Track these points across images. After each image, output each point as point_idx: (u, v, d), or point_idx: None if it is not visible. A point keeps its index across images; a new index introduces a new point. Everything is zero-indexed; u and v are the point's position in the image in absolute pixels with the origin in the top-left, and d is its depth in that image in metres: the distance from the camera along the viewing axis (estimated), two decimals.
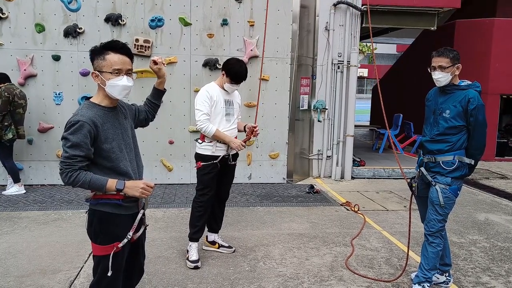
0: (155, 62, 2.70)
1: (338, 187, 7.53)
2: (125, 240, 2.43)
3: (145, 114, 2.85)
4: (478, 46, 10.11)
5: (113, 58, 2.35)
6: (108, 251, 2.39)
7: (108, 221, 2.40)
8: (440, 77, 3.42)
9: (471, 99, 3.36)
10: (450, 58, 3.38)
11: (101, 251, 2.41)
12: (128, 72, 2.41)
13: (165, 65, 2.70)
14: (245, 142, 4.18)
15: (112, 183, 2.32)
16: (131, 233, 2.46)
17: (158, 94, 2.88)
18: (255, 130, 4.25)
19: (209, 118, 4.05)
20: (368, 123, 16.95)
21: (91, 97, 2.48)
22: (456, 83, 3.47)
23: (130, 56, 2.45)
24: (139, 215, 2.52)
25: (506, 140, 10.82)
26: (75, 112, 2.35)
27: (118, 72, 2.35)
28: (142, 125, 2.88)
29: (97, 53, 2.38)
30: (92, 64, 2.41)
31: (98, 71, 2.37)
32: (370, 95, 20.54)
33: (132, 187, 2.35)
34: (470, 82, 3.49)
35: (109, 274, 2.38)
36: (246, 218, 5.63)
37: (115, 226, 2.41)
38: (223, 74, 4.11)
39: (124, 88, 2.39)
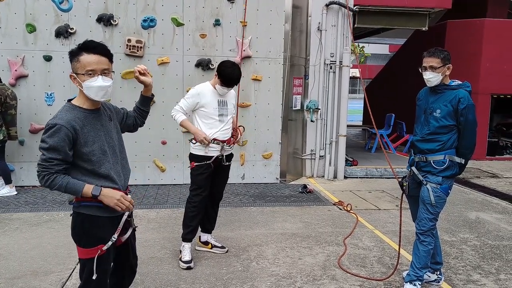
0: (140, 73, 2.62)
1: (331, 187, 7.55)
2: (110, 243, 2.39)
3: (133, 120, 2.81)
4: (469, 47, 10.20)
5: (86, 59, 2.30)
6: (92, 254, 2.36)
7: (91, 223, 2.36)
8: (431, 77, 3.45)
9: (461, 99, 3.40)
10: (441, 59, 3.41)
11: (86, 254, 2.38)
12: (104, 72, 2.34)
13: (147, 72, 2.66)
14: (229, 142, 4.21)
15: (88, 188, 2.28)
16: (116, 235, 2.42)
17: (145, 100, 2.83)
18: (236, 134, 4.35)
19: (184, 111, 4.14)
20: (361, 123, 17.02)
21: (72, 98, 2.45)
22: (446, 83, 3.51)
23: (107, 55, 2.37)
24: (124, 217, 2.47)
25: (497, 140, 10.93)
26: (55, 114, 2.32)
27: (92, 73, 2.30)
28: (129, 130, 2.83)
29: (73, 55, 2.33)
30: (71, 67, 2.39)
31: (74, 73, 2.34)
32: (363, 95, 20.59)
33: (108, 196, 2.32)
34: (461, 82, 3.53)
35: (94, 277, 2.35)
36: (239, 218, 5.64)
37: (98, 229, 2.38)
38: (215, 75, 4.11)
39: (100, 88, 2.32)
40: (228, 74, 4.02)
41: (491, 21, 10.26)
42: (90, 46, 2.31)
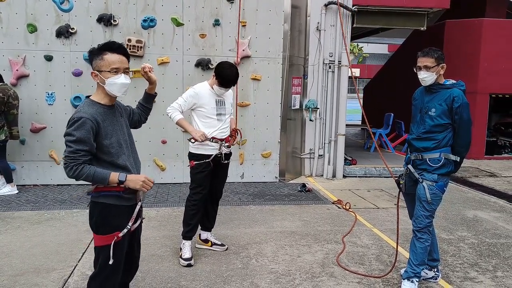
0: (144, 71, 2.82)
1: (329, 186, 7.60)
2: (125, 230, 2.55)
3: (138, 117, 2.98)
4: (467, 46, 10.25)
5: (111, 58, 2.48)
6: (109, 241, 2.50)
7: (109, 212, 2.52)
8: (426, 77, 3.50)
9: (456, 97, 3.45)
10: (435, 58, 3.47)
11: (103, 241, 2.52)
12: (126, 71, 2.54)
13: (152, 70, 2.89)
14: (227, 141, 4.27)
15: (114, 176, 2.44)
16: (130, 223, 2.58)
17: (149, 98, 3.02)
18: (235, 134, 4.40)
19: (180, 110, 4.17)
20: (359, 122, 17.08)
21: (90, 95, 2.60)
22: (441, 82, 3.56)
23: (127, 55, 2.58)
24: (138, 206, 2.63)
25: (495, 139, 10.97)
26: (77, 109, 2.47)
27: (116, 70, 2.48)
28: (135, 126, 2.99)
29: (95, 53, 2.50)
30: (91, 65, 2.54)
31: (97, 70, 2.50)
32: (361, 95, 20.64)
33: (133, 180, 2.48)
34: (455, 81, 3.59)
35: (110, 262, 2.48)
36: (239, 217, 5.69)
37: (116, 217, 2.53)
38: (213, 76, 4.16)
39: (123, 85, 2.52)
40: (226, 76, 4.07)
41: (490, 21, 10.30)
42: (114, 47, 2.51)
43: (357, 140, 13.44)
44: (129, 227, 2.57)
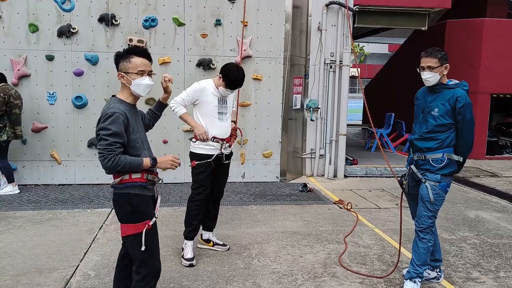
0: (164, 80, 3.03)
1: (331, 186, 7.60)
2: (154, 219, 2.78)
3: (148, 121, 3.17)
4: (468, 46, 10.24)
5: (137, 61, 2.70)
6: (140, 229, 2.68)
7: (137, 201, 2.71)
8: (429, 77, 3.50)
9: (459, 97, 3.44)
10: (438, 59, 3.46)
11: (134, 229, 2.68)
12: (149, 73, 2.75)
13: (172, 82, 3.10)
14: (228, 141, 4.27)
15: (147, 160, 2.69)
16: (157, 213, 2.82)
17: (161, 106, 3.25)
18: (235, 134, 4.40)
19: (184, 104, 4.18)
20: (359, 122, 17.07)
21: (115, 94, 2.79)
22: (444, 82, 3.56)
23: (150, 59, 2.79)
24: (159, 198, 2.93)
25: (496, 139, 10.97)
26: (107, 106, 2.66)
27: (142, 73, 2.70)
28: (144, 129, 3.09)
29: (122, 56, 2.72)
30: (117, 67, 2.74)
31: (124, 72, 2.70)
32: (361, 94, 20.65)
33: (163, 161, 2.77)
34: (458, 81, 3.58)
35: (142, 248, 2.66)
36: (240, 217, 5.69)
37: (143, 206, 2.74)
38: (219, 77, 4.15)
39: (147, 86, 2.74)
40: (233, 78, 4.09)
41: (491, 21, 10.30)
42: (139, 51, 2.75)
43: (357, 140, 13.44)
44: (157, 216, 2.78)
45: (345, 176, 8.30)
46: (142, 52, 2.74)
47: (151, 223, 2.74)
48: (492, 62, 10.11)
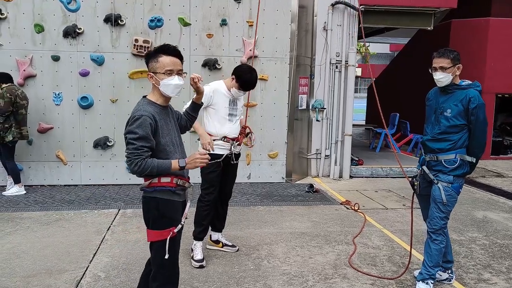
0: (194, 81, 2.91)
1: (337, 186, 7.58)
2: (180, 226, 2.67)
3: (185, 122, 3.07)
4: (473, 46, 10.21)
5: (165, 60, 2.60)
6: (165, 236, 2.59)
7: (165, 206, 2.62)
8: (442, 78, 3.48)
9: (472, 98, 3.43)
10: (451, 59, 3.44)
11: (158, 236, 2.60)
12: (179, 72, 2.65)
13: (201, 80, 2.99)
14: (238, 140, 4.26)
15: (175, 162, 2.57)
16: (183, 220, 2.70)
17: (196, 107, 3.11)
18: (244, 132, 4.37)
19: None
20: (363, 122, 17.02)
21: (146, 95, 2.72)
22: (457, 83, 3.54)
23: (181, 57, 2.68)
24: (188, 203, 2.81)
25: (501, 139, 10.93)
26: (136, 108, 2.58)
27: (170, 72, 2.60)
28: (181, 131, 3.02)
29: (151, 56, 2.63)
30: (147, 67, 2.66)
31: (152, 72, 2.62)
32: (364, 94, 20.63)
33: (190, 162, 2.62)
34: (471, 82, 3.56)
35: (166, 256, 2.56)
36: (248, 217, 5.67)
37: (171, 212, 2.64)
38: (232, 78, 4.14)
39: (176, 86, 2.64)
40: (247, 79, 4.08)
41: (496, 20, 10.25)
42: (169, 49, 2.63)
43: (361, 140, 13.41)
44: (183, 223, 2.68)
45: (351, 177, 8.28)
46: (171, 50, 2.63)
47: (176, 230, 2.63)
48: (497, 61, 10.08)
